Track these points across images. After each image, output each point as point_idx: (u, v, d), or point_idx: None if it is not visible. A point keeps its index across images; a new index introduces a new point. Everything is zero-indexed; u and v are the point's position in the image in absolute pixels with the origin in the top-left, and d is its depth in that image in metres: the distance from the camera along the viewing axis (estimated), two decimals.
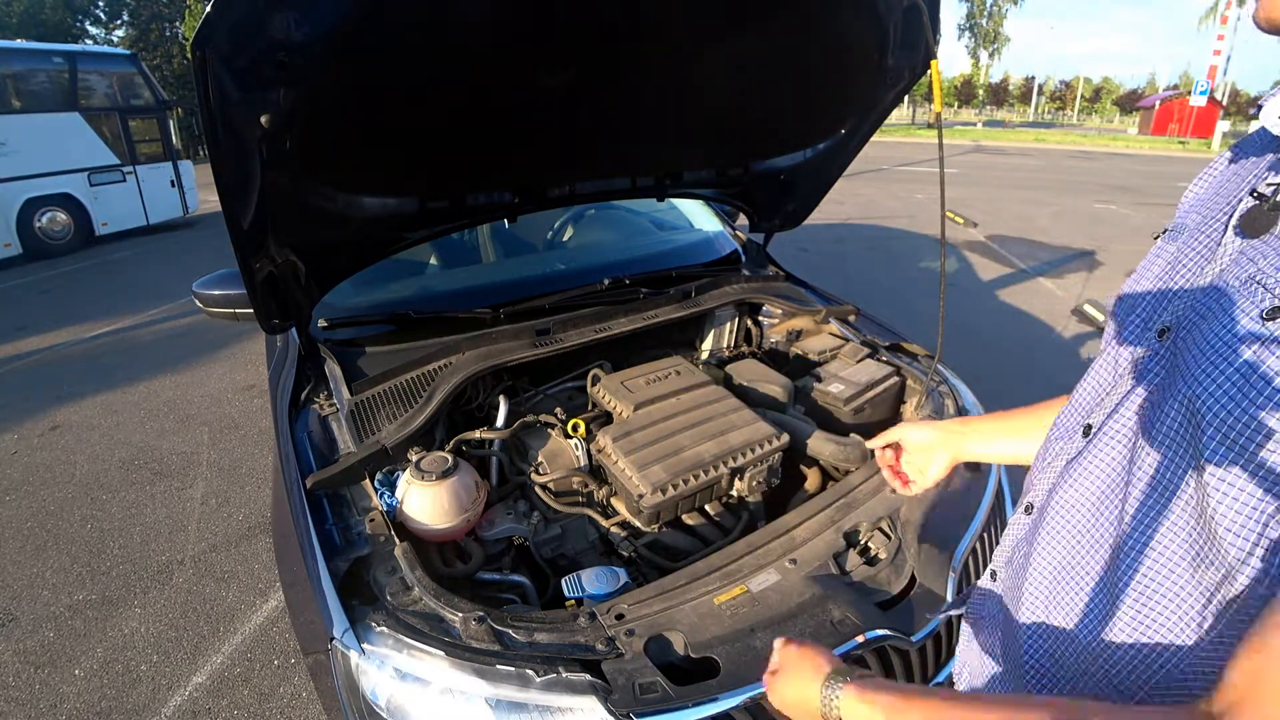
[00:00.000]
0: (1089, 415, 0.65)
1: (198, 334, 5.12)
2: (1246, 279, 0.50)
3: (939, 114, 1.35)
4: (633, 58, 1.46)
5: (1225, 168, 0.66)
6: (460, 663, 0.99)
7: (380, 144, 1.42)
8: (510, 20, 1.24)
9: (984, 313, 5.36)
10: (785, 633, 1.06)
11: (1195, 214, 0.64)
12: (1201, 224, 0.61)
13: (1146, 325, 0.61)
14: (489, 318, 1.83)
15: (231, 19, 0.94)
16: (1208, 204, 0.63)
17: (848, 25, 1.55)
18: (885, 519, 1.32)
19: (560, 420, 1.61)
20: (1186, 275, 0.59)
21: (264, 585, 2.46)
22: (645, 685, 0.96)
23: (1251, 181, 0.57)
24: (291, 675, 2.08)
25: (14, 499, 3.06)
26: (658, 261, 2.39)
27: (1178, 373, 0.53)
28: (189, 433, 3.65)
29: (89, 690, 2.05)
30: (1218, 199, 0.61)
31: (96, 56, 9.14)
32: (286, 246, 1.45)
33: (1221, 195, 0.61)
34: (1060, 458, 0.67)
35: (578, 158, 1.79)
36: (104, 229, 8.60)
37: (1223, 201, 0.60)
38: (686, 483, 1.38)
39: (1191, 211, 0.65)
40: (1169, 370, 0.55)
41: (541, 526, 1.43)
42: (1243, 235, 0.54)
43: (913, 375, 1.84)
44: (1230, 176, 0.63)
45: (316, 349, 1.73)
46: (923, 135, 27.95)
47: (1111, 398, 0.62)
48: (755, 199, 2.34)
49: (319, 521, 1.25)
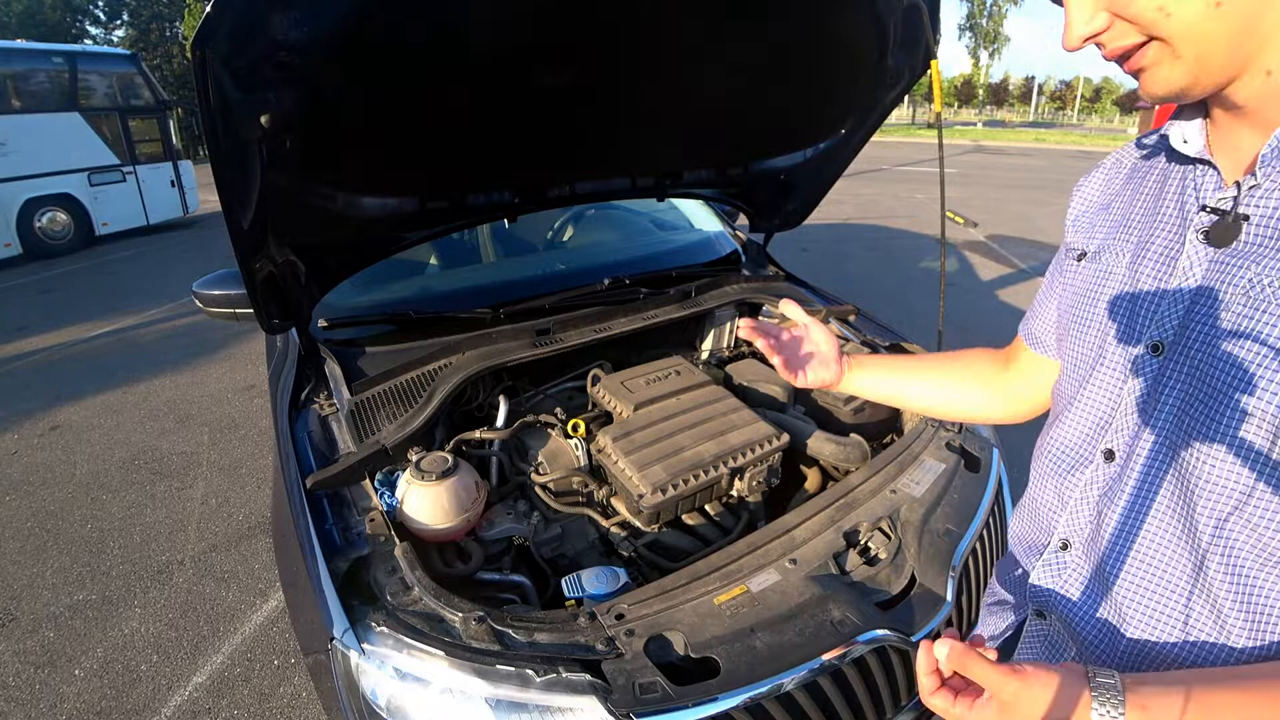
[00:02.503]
0: (1100, 440, 0.66)
1: (198, 334, 5.12)
2: (1248, 285, 0.53)
3: (939, 114, 1.35)
4: (633, 58, 1.46)
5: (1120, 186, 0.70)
6: (460, 663, 0.99)
7: (380, 144, 1.42)
8: (510, 20, 1.24)
9: (984, 313, 5.36)
10: (785, 632, 1.06)
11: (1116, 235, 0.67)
12: (1142, 242, 0.64)
13: (1130, 343, 0.63)
14: (489, 318, 1.83)
15: (231, 19, 0.94)
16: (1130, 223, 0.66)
17: (848, 25, 1.55)
18: (885, 519, 1.32)
19: (560, 420, 1.61)
20: (1154, 292, 0.61)
21: (264, 585, 2.46)
22: (645, 685, 0.96)
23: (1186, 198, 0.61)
24: (291, 675, 2.08)
25: (14, 499, 3.06)
26: (658, 261, 2.39)
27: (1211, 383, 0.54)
28: (189, 433, 3.65)
29: (89, 690, 2.05)
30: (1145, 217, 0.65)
31: (96, 56, 9.13)
32: (286, 246, 1.45)
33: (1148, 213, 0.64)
34: (1090, 489, 0.67)
35: (578, 158, 1.78)
36: (104, 229, 8.59)
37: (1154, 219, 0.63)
38: (686, 483, 1.38)
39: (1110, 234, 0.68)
40: (1195, 383, 0.56)
41: (541, 526, 1.43)
42: (1212, 246, 0.57)
43: None
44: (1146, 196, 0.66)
45: (316, 349, 1.73)
46: (923, 135, 27.95)
47: (1128, 419, 0.63)
48: (755, 199, 2.34)
49: (319, 521, 1.25)
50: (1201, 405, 0.56)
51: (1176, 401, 0.58)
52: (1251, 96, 0.53)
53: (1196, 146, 0.60)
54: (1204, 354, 0.56)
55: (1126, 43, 0.54)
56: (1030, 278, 6.36)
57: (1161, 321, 0.60)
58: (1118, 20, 0.54)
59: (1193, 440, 0.56)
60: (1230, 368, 0.53)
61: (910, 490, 1.39)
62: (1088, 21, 0.55)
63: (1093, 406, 0.67)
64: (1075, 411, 0.69)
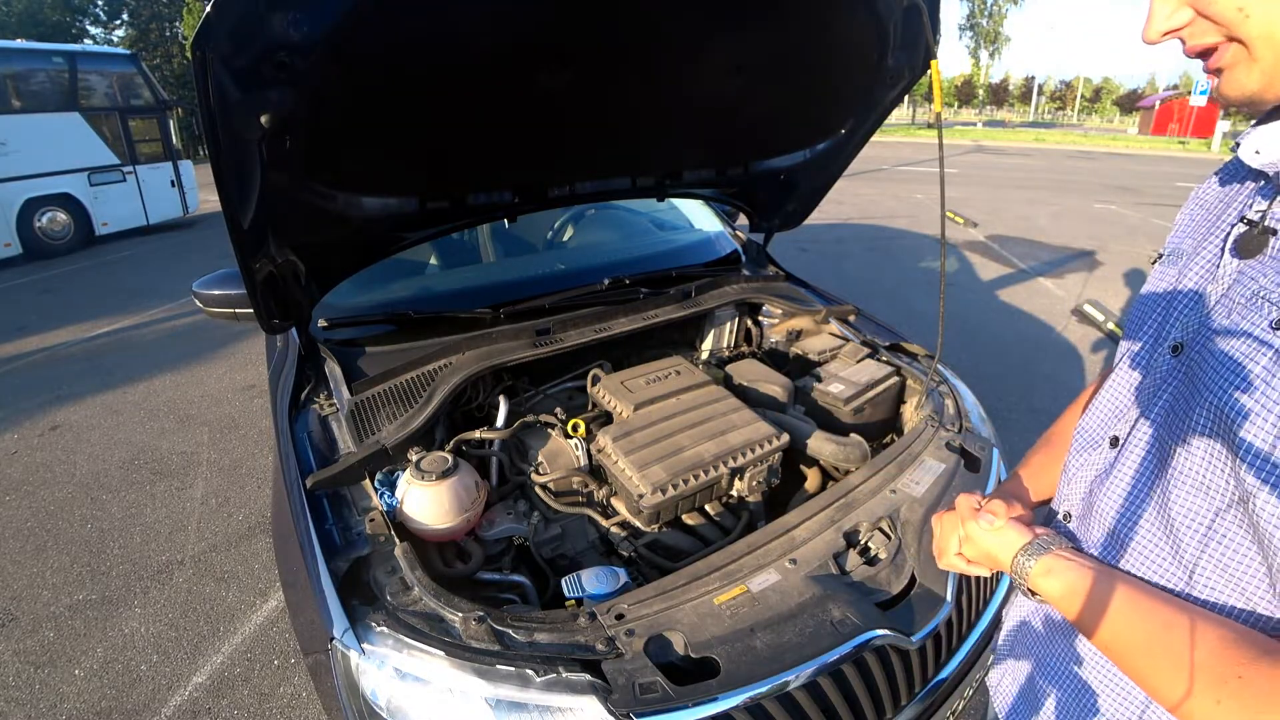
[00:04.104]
0: (1112, 427, 0.70)
1: (198, 334, 5.12)
2: (1251, 295, 0.54)
3: (939, 114, 1.35)
4: (633, 58, 1.46)
5: (1212, 193, 0.70)
6: (460, 663, 0.99)
7: (380, 144, 1.42)
8: (510, 19, 1.24)
9: (984, 313, 5.36)
10: (785, 632, 1.06)
11: (1188, 239, 0.68)
12: (1196, 248, 0.65)
13: (1158, 342, 0.65)
14: (489, 318, 1.83)
15: (231, 19, 0.94)
16: (1198, 228, 0.68)
17: (848, 25, 1.55)
18: (885, 519, 1.32)
19: (560, 420, 1.61)
20: (1190, 295, 0.63)
21: (264, 585, 2.46)
22: (645, 685, 0.96)
23: (1239, 209, 0.62)
24: (291, 675, 2.08)
25: (14, 499, 3.06)
26: (658, 261, 2.39)
27: (1199, 383, 0.57)
28: (189, 433, 3.65)
29: (89, 690, 2.05)
30: (1208, 224, 0.66)
31: (96, 56, 9.12)
32: (286, 246, 1.45)
33: (1211, 220, 0.66)
34: (1089, 468, 0.71)
35: (578, 158, 1.78)
36: (104, 229, 8.59)
37: (1213, 226, 0.65)
38: (686, 483, 1.38)
39: (1185, 237, 0.70)
40: (1187, 381, 0.59)
41: (541, 526, 1.43)
42: (1239, 257, 0.58)
43: (913, 375, 1.84)
44: (1216, 202, 0.67)
45: (316, 349, 1.73)
46: (923, 135, 27.94)
47: (1133, 410, 0.67)
48: (755, 199, 2.34)
49: (319, 521, 1.25)
50: (1184, 404, 0.58)
51: (1169, 399, 0.61)
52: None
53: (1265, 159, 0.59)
54: (1199, 356, 0.58)
55: (1206, 40, 0.54)
56: (1030, 278, 6.36)
57: (1185, 324, 0.62)
58: (1199, 18, 0.53)
59: (1173, 438, 0.59)
60: (1215, 370, 0.55)
61: (910, 490, 1.39)
62: (1169, 16, 0.55)
63: (1113, 395, 0.71)
64: (1100, 398, 0.73)
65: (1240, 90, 0.54)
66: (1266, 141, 0.60)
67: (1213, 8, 0.52)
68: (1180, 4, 0.54)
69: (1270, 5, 0.49)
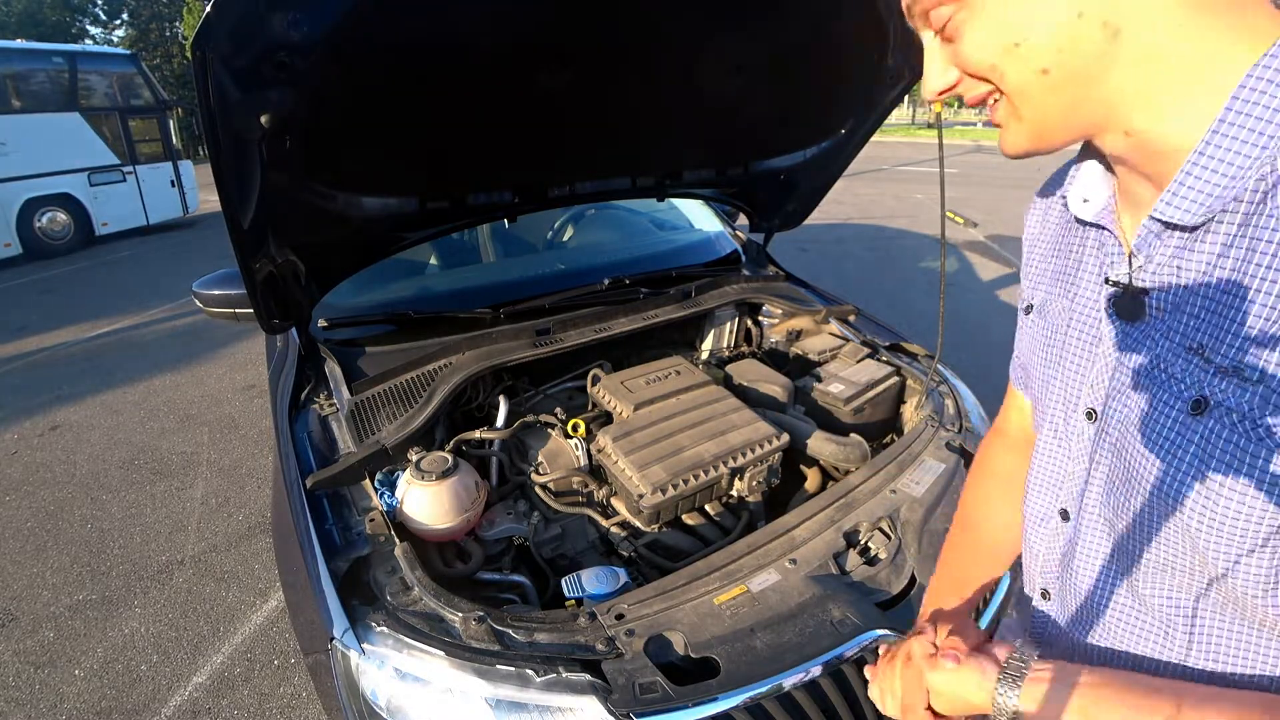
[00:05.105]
0: (1057, 500, 0.67)
1: (198, 334, 5.12)
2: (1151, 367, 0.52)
3: (939, 114, 1.35)
4: (633, 58, 1.46)
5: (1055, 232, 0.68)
6: (460, 663, 0.99)
7: (380, 144, 1.42)
8: (510, 20, 1.24)
9: (984, 313, 5.36)
10: (785, 632, 1.06)
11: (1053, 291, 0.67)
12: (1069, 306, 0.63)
13: (1070, 408, 0.63)
14: (489, 318, 1.83)
15: (231, 19, 0.94)
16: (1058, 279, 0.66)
17: (848, 25, 1.55)
18: (885, 519, 1.32)
19: (560, 420, 1.61)
20: (1082, 358, 0.61)
21: (264, 585, 2.46)
22: (645, 685, 0.96)
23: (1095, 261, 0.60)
24: (291, 675, 2.08)
25: (14, 499, 3.06)
26: (658, 261, 2.39)
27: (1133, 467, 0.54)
28: (189, 433, 3.65)
29: (89, 690, 2.05)
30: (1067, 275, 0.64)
31: (96, 56, 9.14)
32: (286, 246, 1.45)
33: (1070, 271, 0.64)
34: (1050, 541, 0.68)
35: (578, 158, 1.79)
36: (104, 229, 8.59)
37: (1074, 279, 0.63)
38: (686, 483, 1.38)
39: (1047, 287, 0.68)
40: (1118, 457, 0.56)
41: (541, 526, 1.43)
42: (1120, 319, 0.56)
43: (913, 375, 1.84)
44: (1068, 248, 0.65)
45: (316, 349, 1.73)
46: (923, 135, 27.94)
47: (1070, 481, 0.64)
48: (755, 199, 2.34)
49: (319, 521, 1.25)
50: (1123, 484, 0.56)
51: (1104, 474, 0.59)
52: (1123, 153, 0.52)
53: (1096, 208, 0.59)
54: (1121, 432, 0.56)
55: (981, 91, 0.54)
56: None
57: (1094, 389, 0.60)
58: (966, 76, 0.54)
59: (1119, 518, 0.57)
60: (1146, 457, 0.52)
61: (910, 490, 1.39)
62: (941, 75, 0.56)
63: (1045, 466, 0.68)
64: (1035, 471, 0.70)
65: (1015, 148, 0.54)
66: (1090, 186, 0.60)
67: (970, 65, 0.52)
68: (947, 64, 0.55)
69: (1019, 61, 0.49)
